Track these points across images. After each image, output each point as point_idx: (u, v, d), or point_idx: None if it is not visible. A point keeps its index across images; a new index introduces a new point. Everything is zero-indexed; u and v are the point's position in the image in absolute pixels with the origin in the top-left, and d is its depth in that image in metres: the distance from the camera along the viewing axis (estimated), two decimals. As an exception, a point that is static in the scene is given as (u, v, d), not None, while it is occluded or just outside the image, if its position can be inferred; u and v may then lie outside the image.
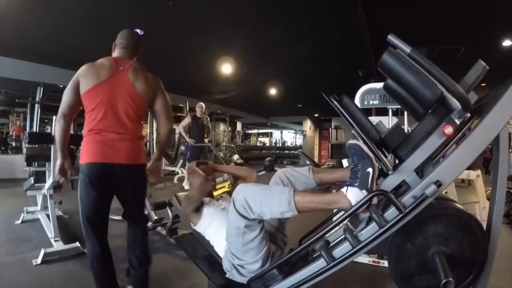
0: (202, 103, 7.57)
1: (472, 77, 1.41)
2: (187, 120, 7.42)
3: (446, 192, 2.62)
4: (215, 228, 1.88)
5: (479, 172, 3.58)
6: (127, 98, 2.10)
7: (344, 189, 1.41)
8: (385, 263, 2.88)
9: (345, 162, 1.66)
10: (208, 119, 8.03)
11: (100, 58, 2.23)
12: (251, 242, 1.54)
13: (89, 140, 2.07)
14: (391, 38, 1.29)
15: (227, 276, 1.68)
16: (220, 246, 1.85)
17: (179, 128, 7.61)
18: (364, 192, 1.36)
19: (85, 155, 2.07)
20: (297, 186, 1.76)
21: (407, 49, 1.25)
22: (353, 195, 1.37)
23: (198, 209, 1.94)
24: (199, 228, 1.93)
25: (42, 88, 8.05)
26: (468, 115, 1.40)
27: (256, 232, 1.54)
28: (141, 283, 2.23)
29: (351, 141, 1.46)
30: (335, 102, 1.45)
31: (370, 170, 1.38)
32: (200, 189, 1.96)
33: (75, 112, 2.15)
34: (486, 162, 9.97)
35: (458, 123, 1.32)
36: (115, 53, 2.33)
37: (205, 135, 7.70)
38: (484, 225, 1.43)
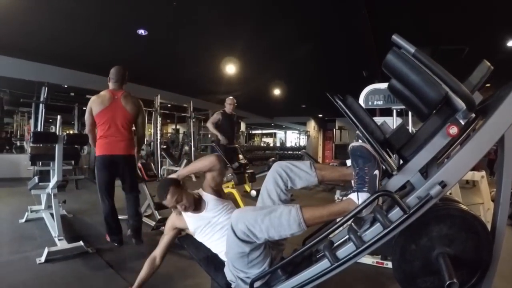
0: (232, 98, 6.57)
1: (477, 77, 1.40)
2: (216, 117, 6.42)
3: (450, 193, 2.61)
4: (203, 239, 2.04)
5: (483, 173, 3.57)
6: (122, 116, 3.40)
7: (353, 196, 1.40)
8: (389, 264, 2.87)
9: (349, 163, 1.65)
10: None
11: (102, 91, 3.47)
12: (256, 259, 1.53)
13: (101, 142, 3.37)
14: (395, 38, 1.29)
15: (233, 287, 1.67)
16: (220, 255, 1.90)
17: (207, 125, 6.69)
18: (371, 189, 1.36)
19: (99, 150, 3.39)
20: (297, 182, 1.72)
21: (412, 49, 1.25)
22: (362, 195, 1.36)
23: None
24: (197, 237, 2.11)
25: (46, 88, 8.07)
26: (473, 115, 1.39)
27: (261, 250, 1.53)
28: (135, 229, 3.50)
29: (355, 144, 1.45)
30: (339, 102, 1.44)
31: (377, 172, 1.38)
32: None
33: (95, 126, 3.40)
34: (490, 163, 9.91)
35: (463, 123, 1.32)
36: (110, 86, 3.52)
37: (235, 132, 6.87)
38: (489, 227, 1.42)
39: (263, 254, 1.53)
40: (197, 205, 2.10)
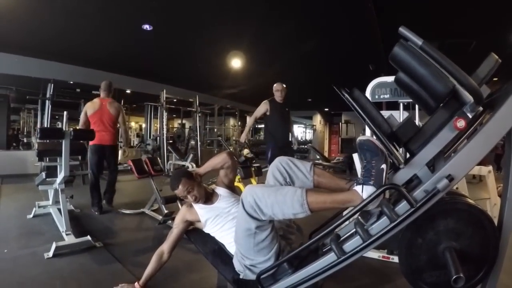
0: (281, 83, 5.32)
1: (484, 70, 1.39)
2: (262, 108, 5.23)
3: (457, 188, 2.60)
4: (213, 230, 2.07)
5: (490, 168, 3.54)
6: (107, 117, 4.66)
7: (358, 188, 1.39)
8: (395, 259, 2.87)
9: (355, 157, 1.63)
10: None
11: (95, 99, 4.75)
12: (263, 242, 1.55)
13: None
14: (402, 30, 1.28)
15: (241, 277, 1.69)
16: (228, 246, 1.91)
17: (249, 120, 5.63)
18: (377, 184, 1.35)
19: (92, 141, 4.50)
20: (294, 181, 1.72)
21: (419, 42, 1.24)
22: (369, 194, 1.35)
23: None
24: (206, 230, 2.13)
25: (52, 84, 8.13)
26: (480, 109, 1.38)
27: (267, 232, 1.54)
28: (109, 199, 4.87)
29: (363, 137, 1.44)
30: (346, 95, 1.44)
31: (384, 166, 1.36)
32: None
33: (87, 124, 4.59)
34: (497, 158, 9.82)
35: (470, 116, 1.31)
36: (101, 95, 4.80)
37: (289, 129, 5.41)
38: (495, 222, 1.42)
39: (269, 237, 1.55)
40: (209, 197, 2.17)
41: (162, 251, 2.20)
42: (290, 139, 5.36)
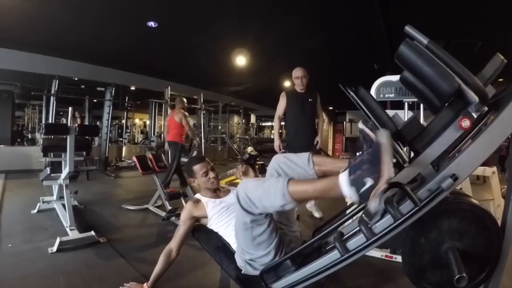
0: (300, 68, 4.41)
1: (490, 70, 1.39)
2: (281, 104, 4.30)
3: (461, 189, 2.60)
4: (218, 225, 2.06)
5: (494, 168, 3.53)
6: (173, 122, 5.98)
7: (342, 176, 1.27)
8: (397, 258, 2.87)
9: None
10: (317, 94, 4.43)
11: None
12: (260, 236, 1.54)
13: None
14: (408, 29, 1.28)
15: (243, 272, 1.69)
16: (231, 241, 1.92)
17: (274, 122, 4.46)
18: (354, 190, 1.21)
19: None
20: (295, 178, 1.57)
21: (425, 41, 1.24)
22: (346, 188, 1.25)
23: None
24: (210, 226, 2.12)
25: (57, 80, 8.17)
26: (485, 109, 1.38)
27: (264, 226, 1.53)
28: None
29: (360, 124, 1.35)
30: (351, 93, 1.44)
31: (371, 182, 1.17)
32: None
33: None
34: (502, 159, 9.79)
35: (475, 116, 1.30)
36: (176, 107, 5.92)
37: (314, 125, 4.35)
38: (499, 223, 1.41)
39: (267, 231, 1.54)
40: (221, 190, 2.25)
41: (170, 249, 2.15)
42: (315, 141, 4.26)
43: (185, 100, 6.29)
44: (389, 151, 1.17)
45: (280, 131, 4.51)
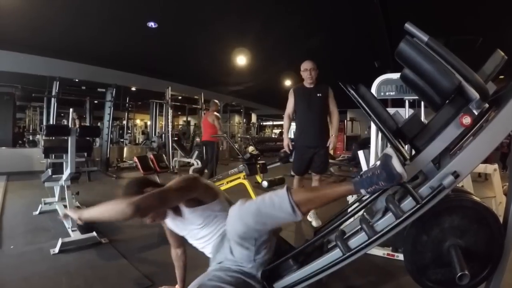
0: (309, 61, 4.09)
1: (490, 67, 1.39)
2: (290, 101, 4.07)
3: (462, 186, 2.59)
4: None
5: (496, 166, 3.52)
6: (206, 122, 6.69)
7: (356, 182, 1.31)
8: (399, 256, 2.86)
9: (360, 154, 1.60)
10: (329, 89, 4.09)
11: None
12: (263, 244, 1.48)
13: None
14: (408, 26, 1.28)
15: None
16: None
17: (284, 121, 4.24)
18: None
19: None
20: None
21: (425, 38, 1.24)
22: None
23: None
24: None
25: (58, 82, 8.17)
26: (486, 105, 1.38)
27: (265, 237, 1.46)
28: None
29: (389, 152, 1.27)
30: (352, 91, 1.43)
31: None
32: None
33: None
34: (503, 157, 9.76)
35: (476, 113, 1.30)
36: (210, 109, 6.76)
37: (324, 122, 4.00)
38: (501, 221, 1.41)
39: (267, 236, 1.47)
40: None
41: (176, 252, 2.14)
42: (328, 142, 3.94)
43: (217, 102, 6.74)
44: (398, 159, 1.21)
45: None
